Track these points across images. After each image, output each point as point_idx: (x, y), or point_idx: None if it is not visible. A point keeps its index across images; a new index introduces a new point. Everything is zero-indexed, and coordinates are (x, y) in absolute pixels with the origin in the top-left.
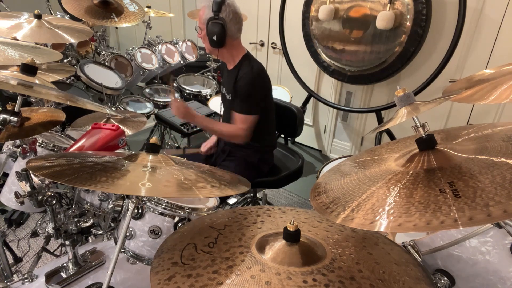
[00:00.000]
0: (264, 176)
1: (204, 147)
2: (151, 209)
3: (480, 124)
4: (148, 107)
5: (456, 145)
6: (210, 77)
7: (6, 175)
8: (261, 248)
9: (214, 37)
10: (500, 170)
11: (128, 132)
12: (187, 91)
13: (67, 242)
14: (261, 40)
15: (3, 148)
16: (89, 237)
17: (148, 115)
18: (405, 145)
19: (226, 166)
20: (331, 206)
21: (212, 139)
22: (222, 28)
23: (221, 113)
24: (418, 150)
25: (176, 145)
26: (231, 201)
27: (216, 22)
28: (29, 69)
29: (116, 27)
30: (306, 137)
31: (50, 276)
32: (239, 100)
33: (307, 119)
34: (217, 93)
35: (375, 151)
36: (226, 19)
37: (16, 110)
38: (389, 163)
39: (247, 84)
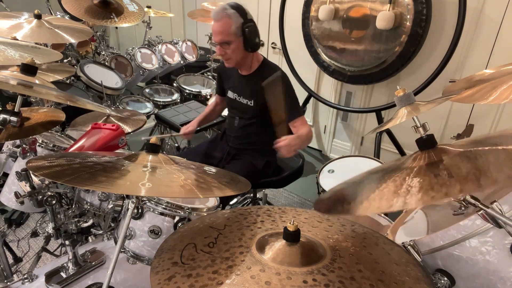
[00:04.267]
0: (267, 178)
1: (185, 130)
2: (151, 209)
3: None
4: (148, 107)
5: (454, 144)
6: (210, 77)
7: (6, 175)
8: (261, 248)
9: (256, 39)
10: (495, 154)
11: (128, 129)
12: (187, 91)
13: (67, 242)
14: (261, 40)
15: (3, 148)
16: (89, 237)
17: (148, 115)
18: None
19: (231, 168)
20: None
21: (193, 123)
22: (257, 29)
23: (223, 115)
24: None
25: (176, 145)
26: (231, 201)
27: (252, 24)
28: (29, 69)
29: (116, 27)
30: None
31: (50, 276)
32: (289, 107)
33: (307, 119)
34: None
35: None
36: (254, 20)
37: (16, 110)
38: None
39: (287, 89)
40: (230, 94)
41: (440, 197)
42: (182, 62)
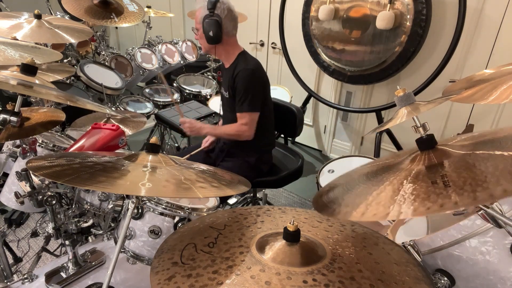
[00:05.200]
0: (263, 175)
1: (205, 143)
2: (151, 209)
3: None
4: (148, 107)
5: (454, 143)
6: (210, 77)
7: (6, 175)
8: (261, 248)
9: (210, 33)
10: (494, 161)
11: (128, 132)
12: (187, 91)
13: (67, 242)
14: (261, 40)
15: (3, 148)
16: (89, 237)
17: (148, 115)
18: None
19: (225, 166)
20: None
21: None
22: (218, 24)
23: (221, 113)
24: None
25: (176, 145)
26: (231, 201)
27: (212, 18)
28: (29, 69)
29: (116, 27)
30: (306, 137)
31: (50, 276)
32: (238, 98)
33: (307, 119)
34: (217, 93)
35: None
36: (221, 15)
37: (16, 110)
38: (394, 168)
39: (244, 81)
40: (221, 88)
41: (435, 209)
42: (182, 62)
